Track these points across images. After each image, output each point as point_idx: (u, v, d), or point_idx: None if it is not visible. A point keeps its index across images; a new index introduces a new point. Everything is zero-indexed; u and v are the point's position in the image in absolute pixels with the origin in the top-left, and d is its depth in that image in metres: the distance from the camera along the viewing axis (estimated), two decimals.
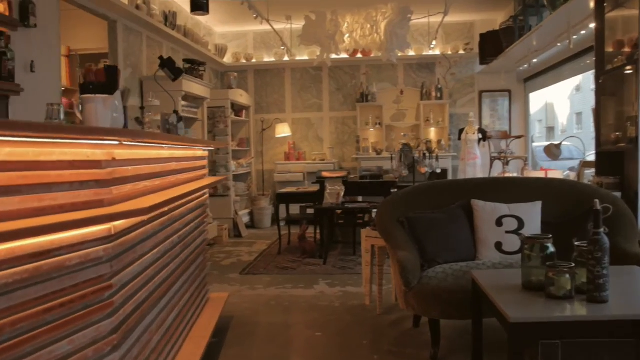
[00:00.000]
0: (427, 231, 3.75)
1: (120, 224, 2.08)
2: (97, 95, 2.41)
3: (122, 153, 2.16)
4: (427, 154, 6.67)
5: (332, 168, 9.75)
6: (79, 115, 2.46)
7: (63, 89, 8.10)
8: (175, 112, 3.87)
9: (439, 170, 6.63)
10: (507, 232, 3.74)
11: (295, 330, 4.18)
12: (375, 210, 5.45)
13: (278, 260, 6.84)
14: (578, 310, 2.39)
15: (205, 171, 4.21)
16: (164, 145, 2.70)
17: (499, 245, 3.73)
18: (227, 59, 10.34)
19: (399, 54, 9.42)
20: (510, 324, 2.27)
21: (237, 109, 9.86)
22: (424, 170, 6.36)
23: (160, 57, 3.95)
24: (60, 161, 1.82)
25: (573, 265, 2.49)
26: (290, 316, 4.53)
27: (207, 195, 4.28)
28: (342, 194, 6.45)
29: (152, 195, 2.47)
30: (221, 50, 9.94)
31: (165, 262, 2.90)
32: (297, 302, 4.95)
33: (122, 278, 2.18)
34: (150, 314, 2.57)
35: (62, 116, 2.51)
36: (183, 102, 7.46)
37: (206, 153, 4.25)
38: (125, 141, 2.03)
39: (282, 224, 7.95)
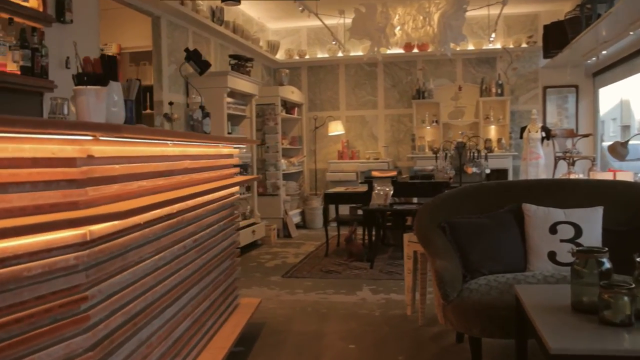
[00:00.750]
0: (470, 238, 3.39)
1: (98, 228, 1.86)
2: (89, 87, 2.20)
3: (104, 150, 1.93)
4: (476, 153, 6.24)
5: (386, 167, 9.40)
6: (73, 109, 2.26)
7: None
8: (202, 107, 3.65)
9: (487, 171, 6.19)
10: (562, 240, 3.33)
11: (327, 341, 3.89)
12: None
13: (324, 263, 6.57)
14: (639, 341, 2.00)
15: (234, 170, 3.98)
16: (168, 142, 2.47)
17: (552, 255, 3.32)
18: (280, 56, 10.15)
19: (457, 48, 9.00)
20: (550, 355, 1.90)
21: (289, 106, 9.66)
22: (471, 170, 5.94)
23: (186, 50, 3.74)
24: (19, 158, 1.60)
25: (633, 285, 2.09)
26: (325, 325, 4.24)
27: (236, 196, 4.05)
28: (391, 194, 6.11)
29: (148, 197, 2.24)
30: (273, 47, 9.76)
31: (174, 269, 2.67)
32: (336, 309, 4.66)
33: (104, 289, 1.95)
34: (150, 325, 2.35)
35: (66, 111, 2.32)
36: (229, 99, 7.30)
37: (236, 151, 4.02)
38: (100, 136, 1.80)
39: (334, 224, 7.69)
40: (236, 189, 3.99)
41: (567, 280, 2.95)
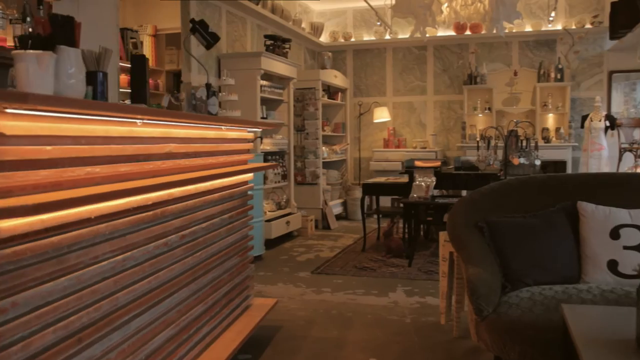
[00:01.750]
0: (513, 241, 2.86)
1: (9, 225, 1.45)
2: (28, 52, 1.80)
3: (23, 126, 1.52)
4: (525, 142, 5.62)
5: (433, 157, 8.82)
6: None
7: (150, 69, 7.84)
8: (208, 85, 3.24)
9: (538, 162, 5.55)
10: (625, 247, 2.76)
11: (346, 352, 3.44)
12: None
13: (359, 258, 6.10)
14: None
15: (247, 156, 3.55)
16: (137, 121, 2.05)
17: (613, 265, 2.76)
18: (324, 39, 9.67)
19: (513, 29, 8.32)
20: None
21: (333, 91, 9.19)
22: (517, 161, 5.33)
23: (191, 20, 3.33)
24: None
25: None
26: (347, 332, 3.78)
27: (249, 185, 3.62)
28: (432, 186, 5.58)
29: (100, 186, 1.83)
30: (317, 29, 9.29)
31: (149, 271, 2.26)
32: (363, 312, 4.19)
33: (25, 300, 1.55)
34: (106, 339, 1.95)
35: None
36: (264, 82, 6.89)
37: (250, 135, 3.59)
38: (6, 107, 1.39)
39: (375, 216, 7.21)
40: (249, 177, 3.57)
41: (630, 298, 2.40)
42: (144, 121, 2.09)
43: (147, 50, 7.95)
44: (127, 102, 3.66)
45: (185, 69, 6.10)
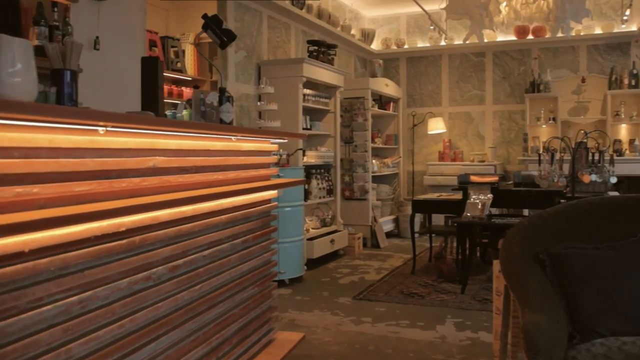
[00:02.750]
0: (583, 278, 2.30)
1: None
2: None
3: None
4: (597, 156, 4.97)
5: (492, 171, 8.19)
6: None
7: (189, 78, 7.58)
8: (222, 89, 2.83)
9: (613, 180, 4.88)
10: None
11: None
12: None
13: (407, 282, 5.56)
14: None
15: (269, 171, 3.12)
16: (101, 129, 1.64)
17: None
18: (375, 46, 9.21)
19: (581, 32, 7.66)
20: None
21: (385, 101, 8.70)
22: (588, 178, 4.68)
23: (204, 16, 2.92)
24: None
25: None
26: None
27: (272, 204, 3.19)
28: (488, 204, 5.01)
29: (34, 212, 1.42)
30: (367, 36, 8.83)
31: (121, 313, 1.84)
32: (404, 350, 3.67)
33: None
34: None
35: None
36: (308, 91, 6.48)
37: (274, 147, 3.16)
38: None
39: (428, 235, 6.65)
40: (271, 194, 3.13)
41: None
42: (110, 129, 1.68)
43: (189, 59, 7.70)
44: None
45: (222, 77, 5.76)
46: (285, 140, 3.28)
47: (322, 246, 6.38)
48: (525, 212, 6.36)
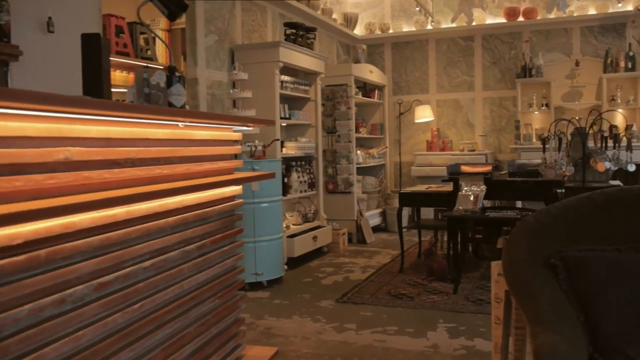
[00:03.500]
0: (604, 287, 1.90)
1: None
2: None
3: None
4: (612, 140, 4.58)
5: (483, 161, 7.81)
6: None
7: (160, 67, 7.12)
8: (172, 68, 2.40)
9: (632, 168, 4.50)
10: None
11: None
12: None
13: (395, 281, 5.16)
14: None
15: (230, 164, 2.69)
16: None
17: None
18: (359, 31, 8.78)
19: (574, 13, 7.28)
20: None
21: (369, 88, 8.27)
22: (604, 167, 4.29)
23: None
24: None
25: None
26: None
27: (236, 202, 2.77)
28: (482, 196, 4.61)
29: None
30: (350, 20, 8.40)
31: (31, 344, 1.41)
32: None
33: None
34: None
35: None
36: (286, 77, 6.04)
37: (236, 136, 2.73)
38: None
39: (411, 230, 6.24)
40: (235, 190, 2.71)
41: None
42: None
43: (161, 47, 7.22)
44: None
45: (190, 62, 5.31)
46: (251, 128, 2.84)
47: (304, 244, 5.96)
48: (519, 204, 5.99)
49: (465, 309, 4.27)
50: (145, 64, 6.92)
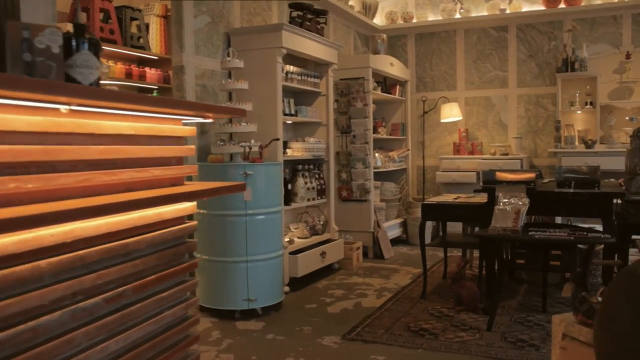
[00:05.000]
0: None
1: None
2: None
3: None
4: None
5: (518, 166, 6.89)
6: None
7: (155, 57, 6.33)
8: (79, 27, 1.58)
9: None
10: None
11: None
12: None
13: (416, 311, 4.29)
14: None
15: (175, 171, 1.85)
16: None
17: None
18: (379, 20, 7.92)
19: None
20: None
21: (390, 83, 7.41)
22: None
23: None
24: None
25: None
26: None
27: (190, 225, 1.93)
28: (524, 212, 3.72)
29: None
30: (369, 8, 7.54)
31: None
32: None
33: None
34: None
35: None
36: (292, 67, 5.22)
37: (185, 131, 1.90)
38: None
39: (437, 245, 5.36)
40: (184, 209, 1.87)
41: None
42: None
43: (155, 35, 6.45)
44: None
45: (176, 47, 4.50)
46: (210, 121, 2.00)
47: (310, 261, 5.11)
48: (558, 219, 5.10)
49: (504, 354, 3.38)
50: (137, 53, 6.15)
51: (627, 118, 6.74)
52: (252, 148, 4.28)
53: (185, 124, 1.97)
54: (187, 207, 1.92)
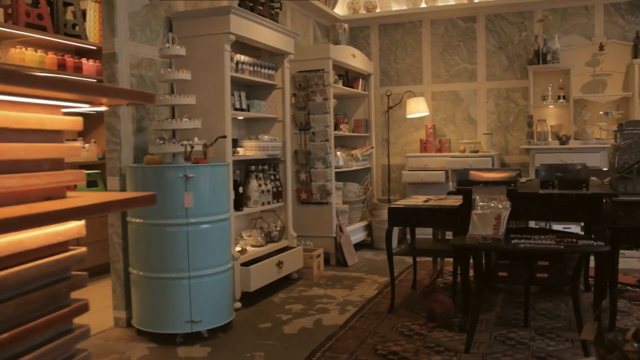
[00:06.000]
0: None
1: None
2: None
3: None
4: None
5: (489, 164, 6.48)
6: None
7: (93, 47, 5.71)
8: None
9: None
10: None
11: None
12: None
13: (384, 328, 3.80)
14: None
15: (40, 179, 1.29)
16: None
17: None
18: (340, 10, 7.42)
19: None
20: None
21: (352, 77, 6.92)
22: None
23: None
24: None
25: None
26: None
27: (78, 251, 1.38)
28: (506, 217, 3.25)
29: None
30: None
31: None
32: None
33: None
34: None
35: None
36: (243, 57, 4.68)
37: (64, 122, 1.34)
38: None
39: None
40: (66, 231, 1.32)
41: None
42: None
43: (93, 22, 5.82)
44: None
45: (107, 32, 3.91)
46: (103, 108, 1.46)
47: (264, 273, 4.58)
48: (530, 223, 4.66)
49: None
50: (73, 43, 5.52)
51: (601, 112, 6.39)
52: (194, 147, 3.72)
53: (68, 114, 1.42)
54: (69, 228, 1.37)
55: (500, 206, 3.30)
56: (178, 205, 3.57)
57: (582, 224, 3.76)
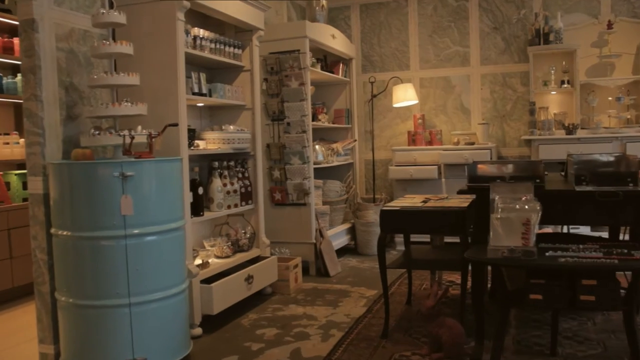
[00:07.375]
0: None
1: None
2: None
3: None
4: None
5: (487, 156, 5.77)
6: None
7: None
8: None
9: None
10: None
11: None
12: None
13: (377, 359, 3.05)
14: None
15: None
16: None
17: None
18: None
19: None
20: None
21: (332, 60, 6.15)
22: None
23: None
24: None
25: None
26: None
27: None
28: (536, 222, 2.51)
29: None
30: None
31: None
32: None
33: None
34: None
35: None
36: (203, 32, 3.89)
37: None
38: None
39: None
40: None
41: None
42: None
43: None
44: None
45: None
46: None
47: (231, 290, 3.79)
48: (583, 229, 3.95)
49: None
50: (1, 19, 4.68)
51: (610, 98, 5.71)
52: (134, 138, 2.92)
53: None
54: None
55: (528, 207, 2.56)
56: (114, 212, 2.77)
57: (628, 229, 3.04)
